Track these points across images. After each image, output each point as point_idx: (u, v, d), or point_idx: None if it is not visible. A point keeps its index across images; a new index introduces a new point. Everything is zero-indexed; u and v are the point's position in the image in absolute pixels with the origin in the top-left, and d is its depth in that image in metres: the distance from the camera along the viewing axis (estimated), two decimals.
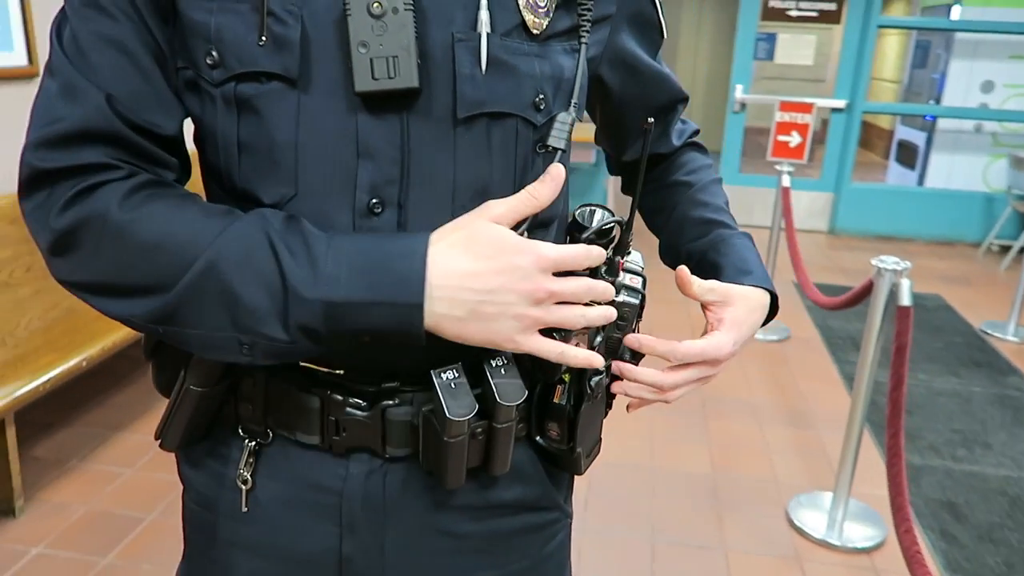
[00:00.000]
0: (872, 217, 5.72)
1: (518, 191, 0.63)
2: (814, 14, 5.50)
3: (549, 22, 0.65)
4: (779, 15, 5.58)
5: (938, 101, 5.73)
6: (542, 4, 0.65)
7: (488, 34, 0.61)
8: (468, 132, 0.63)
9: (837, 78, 5.59)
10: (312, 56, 0.59)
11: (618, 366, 0.70)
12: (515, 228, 0.61)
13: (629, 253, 0.70)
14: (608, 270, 0.67)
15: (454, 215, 0.62)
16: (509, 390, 0.64)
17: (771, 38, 6.22)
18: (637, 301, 0.69)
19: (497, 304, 0.58)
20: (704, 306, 0.73)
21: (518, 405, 0.65)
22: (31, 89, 2.55)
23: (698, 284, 0.71)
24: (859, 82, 5.48)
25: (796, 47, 5.72)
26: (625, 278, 0.69)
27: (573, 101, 0.66)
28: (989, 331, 3.90)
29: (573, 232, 0.69)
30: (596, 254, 0.62)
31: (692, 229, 0.81)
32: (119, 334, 2.43)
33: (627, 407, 0.75)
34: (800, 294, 4.14)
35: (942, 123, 5.68)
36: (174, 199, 0.60)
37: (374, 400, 0.66)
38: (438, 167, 0.63)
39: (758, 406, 3.02)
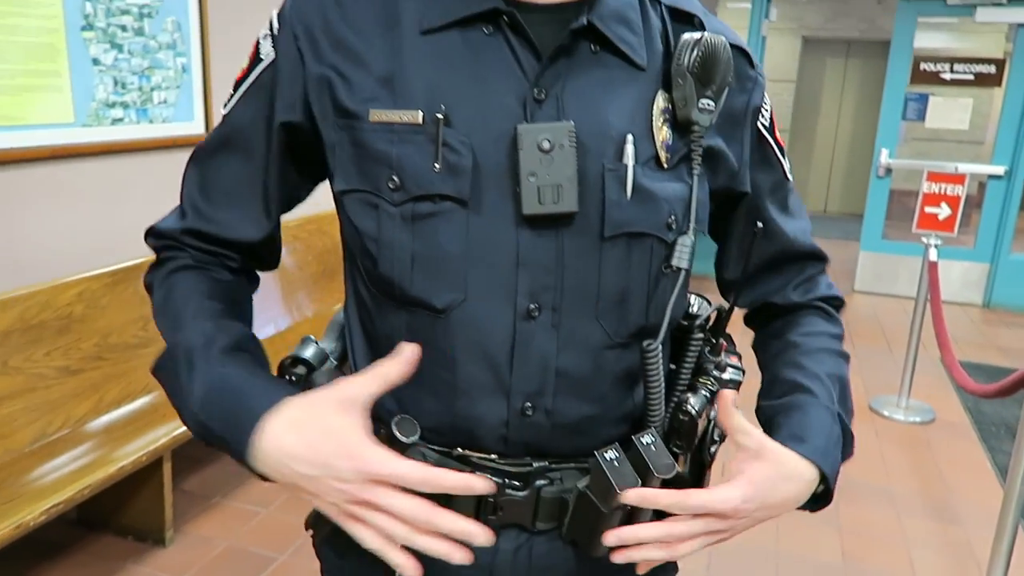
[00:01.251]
0: None
1: (650, 302, 0.72)
2: (970, 77, 5.22)
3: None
4: (931, 78, 5.33)
5: None
6: (671, 141, 0.72)
7: (633, 165, 0.69)
8: (612, 248, 0.70)
9: (996, 142, 5.25)
10: (481, 181, 0.68)
11: (618, 534, 0.70)
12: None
13: (729, 338, 0.78)
14: (712, 350, 0.77)
15: (599, 319, 0.71)
16: (662, 464, 0.69)
17: (922, 98, 5.95)
18: (740, 378, 0.77)
19: (314, 489, 0.64)
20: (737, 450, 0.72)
21: (670, 477, 0.70)
22: None
23: (737, 419, 0.69)
24: (1021, 148, 5.12)
25: (949, 111, 5.42)
26: (728, 358, 0.76)
27: (691, 224, 0.72)
28: None
29: (682, 321, 0.78)
30: (451, 483, 0.62)
31: (777, 388, 0.81)
32: None
33: (636, 570, 0.73)
34: (949, 375, 3.87)
35: None
36: (188, 287, 0.76)
37: (528, 480, 0.73)
38: (586, 278, 0.70)
39: (897, 493, 2.83)
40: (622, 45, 0.71)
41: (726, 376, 0.75)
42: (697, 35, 0.71)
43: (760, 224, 0.77)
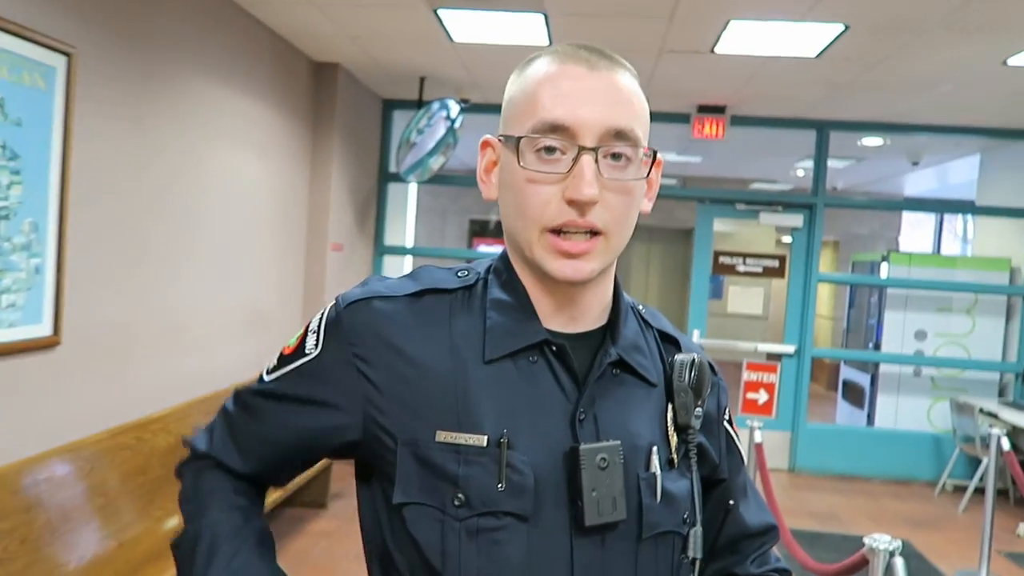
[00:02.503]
0: (829, 456, 5.93)
1: None
2: (759, 270, 6.07)
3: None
4: (729, 270, 6.14)
5: (877, 346, 6.21)
6: (677, 445, 0.84)
7: (659, 473, 0.81)
8: (645, 547, 0.79)
9: (785, 326, 6.05)
10: (539, 496, 0.76)
11: None
12: None
13: None
14: None
15: None
16: None
17: (717, 279, 6.81)
18: None
19: None
20: None
21: None
22: (54, 357, 2.64)
23: None
24: (806, 330, 5.94)
25: (747, 298, 6.24)
26: None
27: (698, 516, 0.84)
28: None
29: None
30: None
31: None
32: None
33: None
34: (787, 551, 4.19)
35: (884, 367, 6.11)
36: (213, 486, 0.88)
37: None
38: (624, 573, 0.79)
39: None
40: (640, 370, 0.84)
41: None
42: (689, 357, 0.87)
43: (732, 502, 0.90)
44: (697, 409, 0.85)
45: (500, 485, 0.75)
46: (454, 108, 5.10)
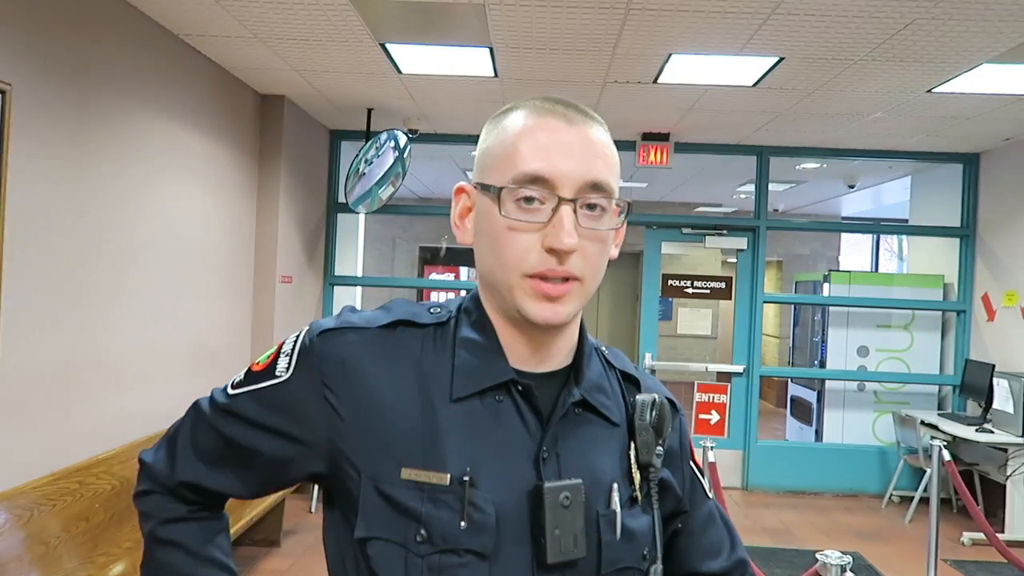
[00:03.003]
0: (780, 472, 6.04)
1: None
2: (707, 291, 6.19)
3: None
4: (677, 292, 6.24)
5: (823, 363, 6.37)
6: (641, 485, 0.86)
7: (619, 510, 0.82)
8: None
9: (733, 346, 6.17)
10: (500, 534, 0.77)
11: None
12: None
13: None
14: None
15: None
16: None
17: (667, 302, 6.93)
18: None
19: None
20: None
21: None
22: None
23: None
24: (753, 349, 6.07)
25: (696, 319, 6.35)
26: None
27: (659, 552, 0.85)
28: None
29: None
30: None
31: None
32: None
33: None
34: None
35: (829, 383, 6.27)
36: (187, 539, 0.88)
37: None
38: None
39: None
40: (603, 410, 0.86)
41: None
42: (650, 398, 0.89)
43: (692, 535, 0.92)
44: (659, 448, 0.87)
45: (462, 523, 0.76)
46: (402, 138, 5.11)
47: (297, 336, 0.86)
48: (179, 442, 0.89)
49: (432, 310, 0.87)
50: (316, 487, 4.62)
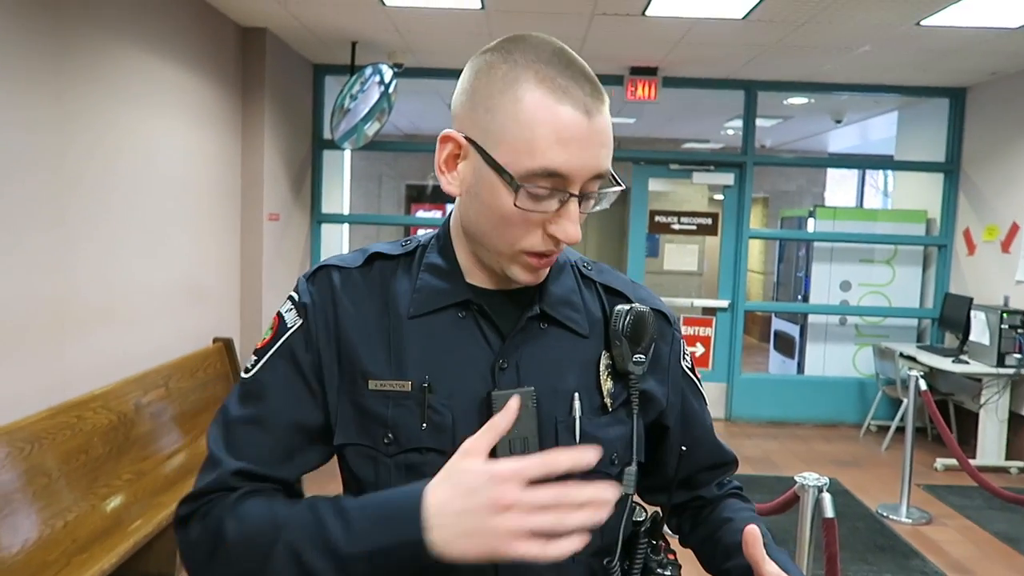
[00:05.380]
0: (762, 404, 6.20)
1: (604, 526, 0.81)
2: (693, 228, 6.23)
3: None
4: (664, 228, 6.28)
5: (806, 298, 6.47)
6: (614, 389, 0.90)
7: (580, 417, 0.87)
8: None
9: (719, 281, 6.25)
10: (457, 435, 0.83)
11: None
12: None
13: (664, 539, 0.95)
14: (653, 550, 0.92)
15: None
16: None
17: (653, 238, 6.97)
18: (679, 573, 0.93)
19: (472, 519, 0.72)
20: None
21: None
22: None
23: (768, 562, 0.82)
24: (738, 284, 6.15)
25: (682, 255, 6.40)
26: (667, 555, 0.93)
27: (634, 457, 0.91)
28: (885, 513, 4.24)
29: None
30: (566, 461, 0.72)
31: (734, 551, 0.97)
32: None
33: None
34: None
35: (812, 317, 6.39)
36: (262, 499, 0.83)
37: None
38: None
39: None
40: (568, 322, 0.91)
41: (668, 573, 0.91)
42: (627, 306, 0.92)
43: (684, 448, 0.96)
44: (637, 356, 0.90)
45: (423, 425, 0.84)
46: (387, 73, 5.04)
47: (289, 295, 0.92)
48: (215, 454, 0.85)
49: (403, 243, 0.95)
50: None
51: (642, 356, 0.91)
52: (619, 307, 0.92)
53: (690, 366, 1.03)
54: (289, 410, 0.86)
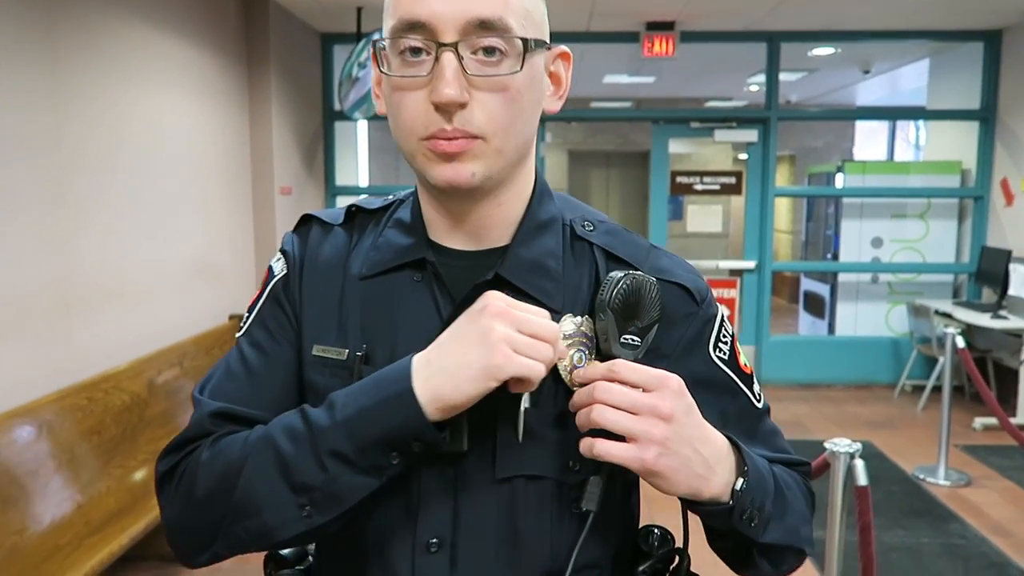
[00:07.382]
0: (793, 366, 6.05)
1: (553, 544, 0.73)
2: (717, 187, 6.04)
3: None
4: (687, 189, 6.09)
5: (836, 256, 6.27)
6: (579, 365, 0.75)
7: (526, 408, 0.71)
8: (507, 490, 0.73)
9: (744, 242, 6.07)
10: None
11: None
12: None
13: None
14: None
15: (497, 558, 0.72)
16: None
17: (677, 200, 6.79)
18: None
19: (462, 333, 0.67)
20: None
21: None
22: None
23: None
24: (765, 245, 5.96)
25: (705, 216, 6.22)
26: None
27: (604, 469, 0.71)
28: (922, 476, 4.10)
29: (638, 558, 0.79)
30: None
31: None
32: None
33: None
34: None
35: (842, 276, 6.19)
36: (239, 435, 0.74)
37: None
38: (483, 517, 0.73)
39: None
40: (534, 292, 0.75)
41: None
42: (620, 273, 0.73)
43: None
44: (628, 337, 0.72)
45: None
46: None
47: (278, 248, 0.88)
48: (195, 398, 0.80)
49: (386, 198, 0.86)
50: None
51: (635, 338, 0.72)
52: (613, 273, 0.74)
53: (728, 357, 0.82)
54: (278, 349, 0.80)
